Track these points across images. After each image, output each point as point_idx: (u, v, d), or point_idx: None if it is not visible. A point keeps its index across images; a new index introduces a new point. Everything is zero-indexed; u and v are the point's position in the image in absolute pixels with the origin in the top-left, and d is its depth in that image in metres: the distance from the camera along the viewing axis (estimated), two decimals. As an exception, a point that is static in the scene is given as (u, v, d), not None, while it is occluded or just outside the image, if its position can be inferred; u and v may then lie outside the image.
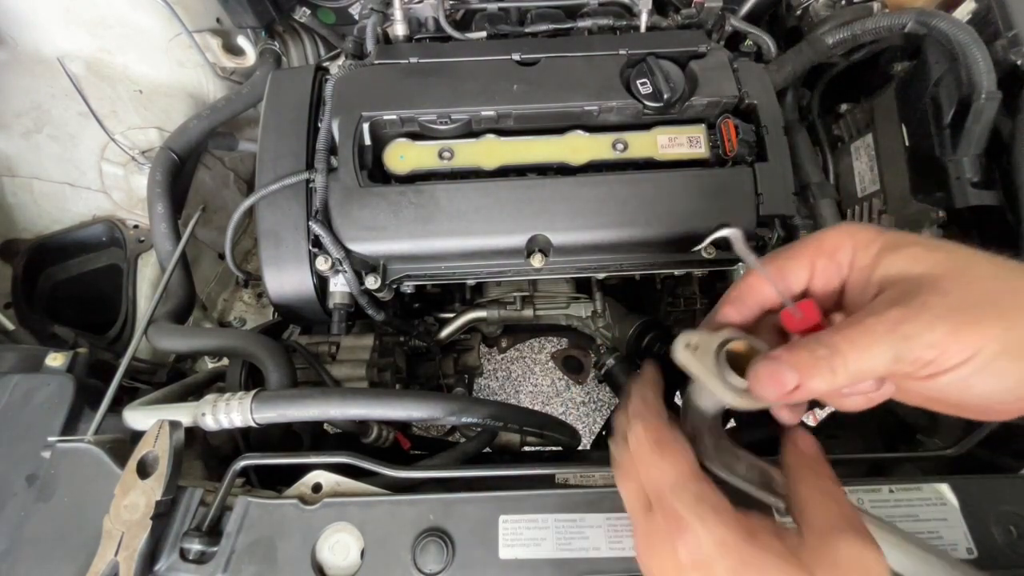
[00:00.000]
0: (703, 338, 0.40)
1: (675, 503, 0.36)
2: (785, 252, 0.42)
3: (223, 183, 1.21)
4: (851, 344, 0.34)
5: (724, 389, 0.38)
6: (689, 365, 0.39)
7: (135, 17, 0.99)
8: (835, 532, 0.35)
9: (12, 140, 1.01)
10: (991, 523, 0.54)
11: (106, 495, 0.53)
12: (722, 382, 0.38)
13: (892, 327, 0.34)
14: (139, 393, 0.68)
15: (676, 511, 0.35)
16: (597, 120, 0.78)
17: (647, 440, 0.39)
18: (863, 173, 0.88)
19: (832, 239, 0.40)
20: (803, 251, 0.41)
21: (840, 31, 0.80)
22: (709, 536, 0.34)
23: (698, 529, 0.34)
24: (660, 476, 0.37)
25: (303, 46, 1.19)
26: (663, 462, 0.38)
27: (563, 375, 2.08)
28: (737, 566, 0.33)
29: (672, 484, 0.37)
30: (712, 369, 0.39)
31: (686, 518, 0.35)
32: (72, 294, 1.06)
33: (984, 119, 0.68)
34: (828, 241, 0.40)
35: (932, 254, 0.36)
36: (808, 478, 0.39)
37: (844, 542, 0.34)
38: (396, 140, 0.78)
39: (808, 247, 0.41)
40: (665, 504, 0.36)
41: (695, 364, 0.39)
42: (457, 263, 0.76)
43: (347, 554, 0.54)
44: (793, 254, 0.42)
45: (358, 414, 0.61)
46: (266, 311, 1.22)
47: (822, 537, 0.35)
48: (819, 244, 0.41)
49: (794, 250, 0.42)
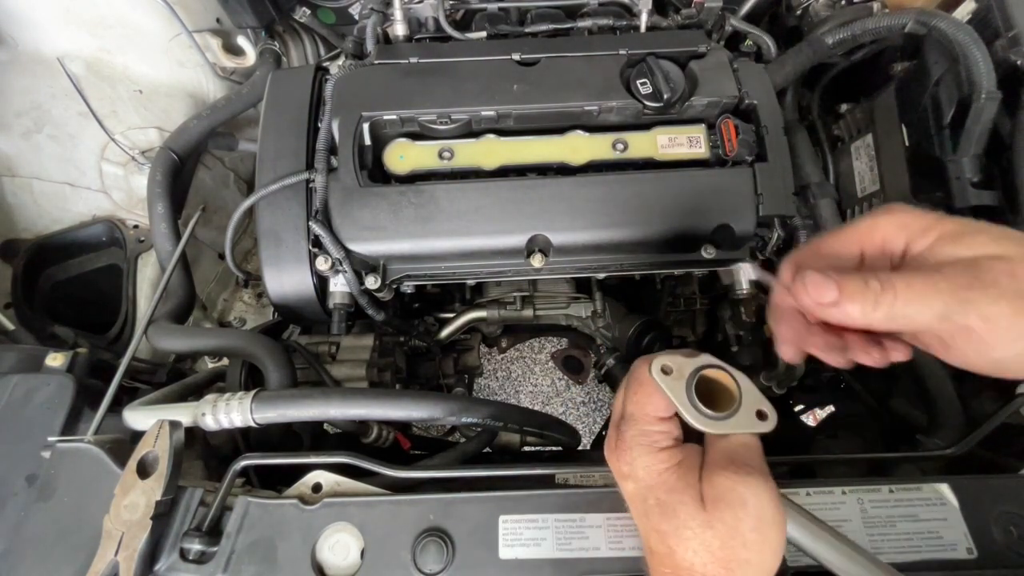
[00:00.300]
0: (679, 362, 0.45)
1: (625, 430, 0.45)
2: (833, 241, 0.43)
3: (223, 183, 1.21)
4: (907, 286, 0.36)
5: (689, 414, 0.43)
6: (662, 387, 0.44)
7: (135, 17, 0.99)
8: (715, 468, 0.41)
9: (12, 140, 1.01)
10: (991, 523, 0.54)
11: (106, 495, 0.53)
12: (688, 407, 0.43)
13: (955, 288, 0.35)
14: (139, 393, 0.68)
15: (623, 435, 0.45)
16: (597, 120, 0.78)
17: (634, 378, 0.46)
18: (863, 173, 0.88)
19: (882, 229, 0.41)
20: (851, 240, 0.42)
21: (840, 31, 0.80)
22: (639, 460, 0.43)
23: (634, 454, 0.43)
24: (628, 407, 0.46)
25: (303, 46, 1.19)
26: (634, 396, 0.45)
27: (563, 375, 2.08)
28: (654, 486, 0.42)
29: (631, 415, 0.45)
30: (682, 394, 0.44)
31: (627, 443, 0.44)
32: (72, 294, 1.06)
33: (984, 119, 0.68)
34: (878, 231, 0.41)
35: (1002, 241, 0.37)
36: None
37: (721, 476, 0.40)
38: (396, 140, 0.78)
39: (855, 236, 0.42)
40: (621, 427, 0.45)
41: (667, 388, 0.44)
42: (457, 263, 0.76)
43: (347, 554, 0.54)
44: (841, 245, 0.43)
45: (358, 414, 0.61)
46: (266, 311, 1.22)
47: (707, 472, 0.42)
48: (869, 233, 0.41)
49: (842, 240, 0.43)
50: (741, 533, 0.39)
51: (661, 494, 0.41)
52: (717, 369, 0.44)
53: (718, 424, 0.43)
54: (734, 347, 1.02)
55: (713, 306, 1.09)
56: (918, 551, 0.53)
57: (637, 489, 0.43)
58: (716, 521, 0.39)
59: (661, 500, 0.41)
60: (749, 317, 0.97)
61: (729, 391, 0.44)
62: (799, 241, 0.83)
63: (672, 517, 0.41)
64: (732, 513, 0.39)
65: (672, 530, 0.41)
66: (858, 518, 0.55)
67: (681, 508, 0.40)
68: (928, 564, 0.53)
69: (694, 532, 0.40)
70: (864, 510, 0.55)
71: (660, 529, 0.41)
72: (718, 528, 0.39)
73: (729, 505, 0.39)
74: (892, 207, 0.42)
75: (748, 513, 0.39)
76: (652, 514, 0.42)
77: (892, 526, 0.54)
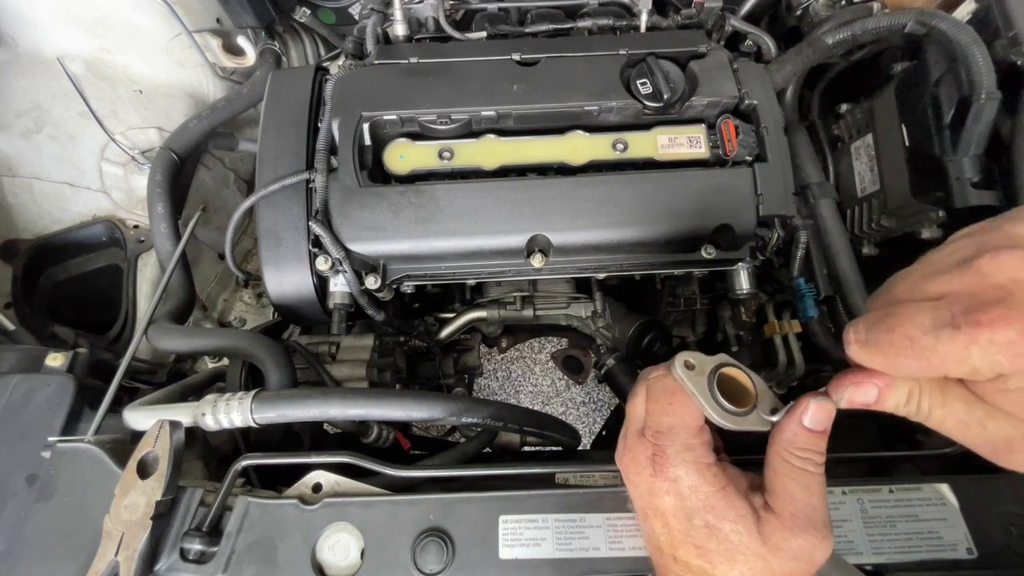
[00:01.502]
0: (700, 359, 0.45)
1: (667, 445, 0.43)
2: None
3: (223, 183, 1.21)
4: (941, 420, 0.38)
5: (711, 409, 0.43)
6: (685, 382, 0.44)
7: (135, 17, 0.99)
8: (797, 525, 0.41)
9: (12, 140, 1.01)
10: (991, 523, 0.54)
11: (106, 495, 0.53)
12: (711, 402, 0.43)
13: (998, 445, 0.36)
14: (139, 393, 0.68)
15: (664, 450, 0.43)
16: (597, 120, 0.78)
17: (664, 388, 0.45)
18: (863, 173, 0.88)
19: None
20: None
21: (840, 31, 0.80)
22: (685, 479, 0.42)
23: (679, 471, 0.42)
24: (662, 417, 0.44)
25: (303, 46, 1.19)
26: (669, 407, 0.44)
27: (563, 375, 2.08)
28: (701, 508, 0.42)
29: (669, 427, 0.43)
30: (705, 389, 0.44)
31: (671, 459, 0.42)
32: (72, 294, 1.06)
33: (984, 119, 0.68)
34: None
35: None
36: (792, 461, 0.42)
37: (800, 536, 0.40)
38: (396, 140, 0.78)
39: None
40: (660, 441, 0.43)
41: (690, 382, 0.44)
42: (457, 263, 0.76)
43: (347, 554, 0.54)
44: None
45: (358, 414, 0.61)
46: (266, 311, 1.22)
47: (784, 524, 0.41)
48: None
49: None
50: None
51: (710, 518, 0.42)
52: (735, 367, 0.45)
53: (738, 420, 0.43)
54: (734, 347, 1.03)
55: (713, 306, 1.09)
56: (918, 551, 0.53)
57: (680, 505, 0.43)
58: (775, 562, 0.41)
59: (711, 524, 0.42)
60: (749, 317, 0.97)
61: (745, 389, 0.45)
62: (799, 241, 0.83)
63: (723, 541, 0.41)
64: (794, 564, 0.41)
65: (722, 551, 0.41)
66: (858, 518, 0.55)
67: (734, 535, 0.41)
68: (928, 564, 0.53)
69: (746, 558, 0.41)
70: (864, 510, 0.55)
71: (705, 547, 0.42)
72: (774, 566, 0.41)
73: (794, 559, 0.41)
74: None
75: (812, 567, 0.41)
76: (697, 532, 0.42)
77: (892, 526, 0.54)
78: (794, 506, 0.41)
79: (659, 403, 0.45)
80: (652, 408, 0.45)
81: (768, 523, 0.41)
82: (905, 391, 0.38)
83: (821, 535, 0.41)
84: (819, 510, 0.42)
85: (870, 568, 0.53)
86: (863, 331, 0.37)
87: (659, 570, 0.46)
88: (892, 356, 0.35)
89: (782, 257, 0.88)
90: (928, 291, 0.36)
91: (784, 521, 0.41)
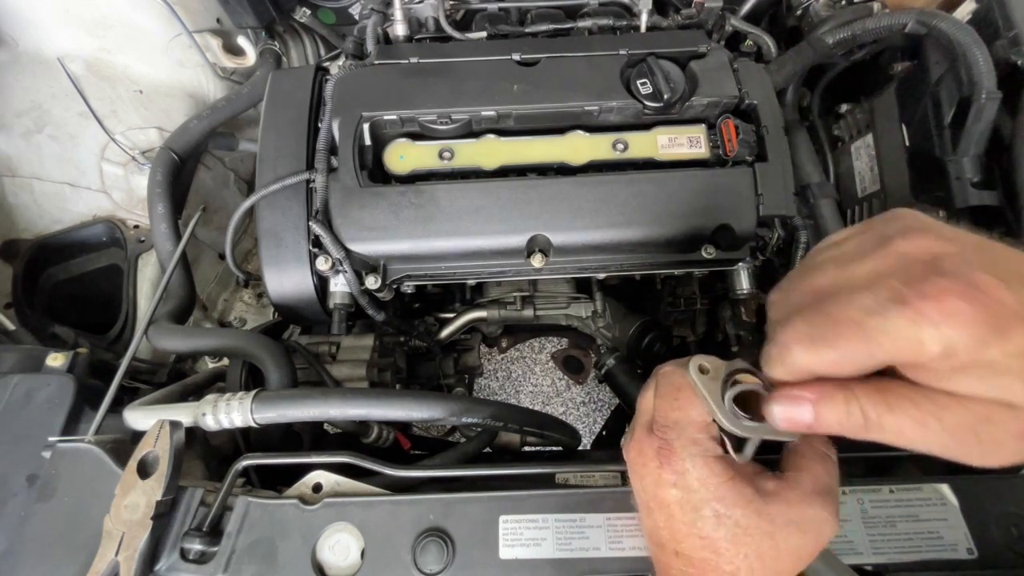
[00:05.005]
0: (715, 364, 0.45)
1: (674, 440, 0.43)
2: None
3: (223, 183, 1.21)
4: (897, 429, 0.34)
5: (723, 416, 0.43)
6: (698, 387, 0.44)
7: (135, 17, 0.99)
8: (818, 495, 0.42)
9: (12, 140, 1.01)
10: (991, 523, 0.54)
11: (106, 495, 0.53)
12: (723, 409, 0.43)
13: (949, 444, 0.34)
14: (139, 393, 0.68)
15: (672, 445, 0.43)
16: (597, 120, 0.78)
17: (671, 384, 0.45)
18: (863, 173, 0.88)
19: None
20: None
21: (840, 31, 0.80)
22: (693, 472, 0.42)
23: (687, 464, 0.42)
24: (669, 412, 0.44)
25: (303, 46, 1.19)
26: (676, 403, 0.44)
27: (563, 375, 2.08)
28: (711, 499, 0.41)
29: (675, 422, 0.43)
30: (718, 395, 0.43)
31: (678, 453, 0.42)
32: (72, 294, 1.06)
33: (984, 119, 0.68)
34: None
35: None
36: (812, 440, 0.44)
37: (815, 507, 0.41)
38: (396, 140, 0.78)
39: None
40: (667, 435, 0.43)
41: (703, 387, 0.43)
42: (457, 263, 0.76)
43: (347, 554, 0.54)
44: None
45: (358, 414, 0.61)
46: (266, 311, 1.22)
47: (805, 495, 0.41)
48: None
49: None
50: (800, 557, 0.41)
51: (720, 508, 0.41)
52: (750, 374, 0.44)
53: (750, 429, 0.42)
54: (734, 347, 1.02)
55: (713, 306, 1.09)
56: (918, 551, 0.53)
57: (687, 498, 0.42)
58: (782, 539, 0.41)
59: (720, 512, 0.41)
60: (749, 317, 0.97)
61: (757, 395, 0.43)
62: (799, 241, 0.83)
63: (732, 527, 0.41)
64: (801, 538, 0.41)
65: (729, 537, 0.41)
66: (858, 518, 0.55)
67: (744, 520, 0.41)
68: (928, 564, 0.52)
69: (753, 539, 0.41)
70: (864, 510, 0.55)
71: (711, 536, 0.41)
72: (780, 544, 0.41)
73: (802, 531, 0.41)
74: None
75: (818, 543, 0.41)
76: (705, 523, 0.42)
77: (892, 526, 0.54)
78: (817, 481, 0.43)
79: (666, 399, 0.45)
80: (659, 404, 0.45)
81: (782, 499, 0.41)
82: (842, 400, 0.35)
83: (833, 512, 0.42)
84: (835, 492, 0.43)
85: (870, 568, 0.53)
86: (803, 329, 0.35)
87: (659, 567, 0.46)
88: (843, 347, 0.33)
89: (782, 257, 0.88)
90: (855, 275, 0.34)
91: (806, 493, 0.42)
